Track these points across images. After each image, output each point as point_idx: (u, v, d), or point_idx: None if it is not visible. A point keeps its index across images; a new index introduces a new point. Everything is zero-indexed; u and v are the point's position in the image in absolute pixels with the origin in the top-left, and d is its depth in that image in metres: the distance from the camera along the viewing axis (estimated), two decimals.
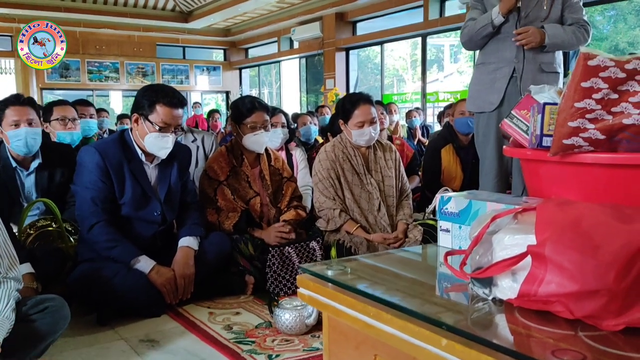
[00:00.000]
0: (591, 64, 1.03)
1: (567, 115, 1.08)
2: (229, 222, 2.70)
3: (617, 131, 1.06)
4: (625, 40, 12.39)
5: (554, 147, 1.12)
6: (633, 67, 1.02)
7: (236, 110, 2.85)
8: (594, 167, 1.11)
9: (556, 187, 1.23)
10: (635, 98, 1.03)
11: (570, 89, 1.06)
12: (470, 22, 2.80)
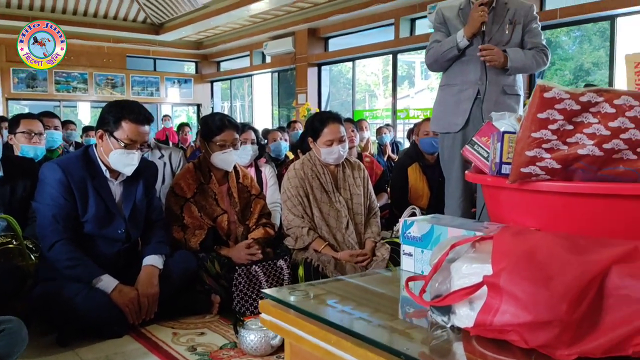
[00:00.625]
0: (547, 95, 1.06)
1: (525, 144, 1.11)
2: (195, 240, 2.67)
3: (572, 161, 1.09)
4: (590, 61, 12.76)
5: (512, 175, 1.15)
6: (587, 99, 1.05)
7: (206, 127, 2.83)
8: (550, 194, 1.14)
9: (515, 213, 1.26)
10: (589, 129, 1.06)
11: (528, 120, 1.09)
12: (434, 44, 2.85)
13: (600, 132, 1.05)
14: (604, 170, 1.08)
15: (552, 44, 12.65)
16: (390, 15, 9.04)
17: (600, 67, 12.73)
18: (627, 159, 1.06)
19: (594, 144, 1.06)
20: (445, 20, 2.87)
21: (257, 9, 9.84)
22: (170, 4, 11.44)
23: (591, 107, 1.05)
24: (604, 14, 6.78)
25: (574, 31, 11.47)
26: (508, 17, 2.77)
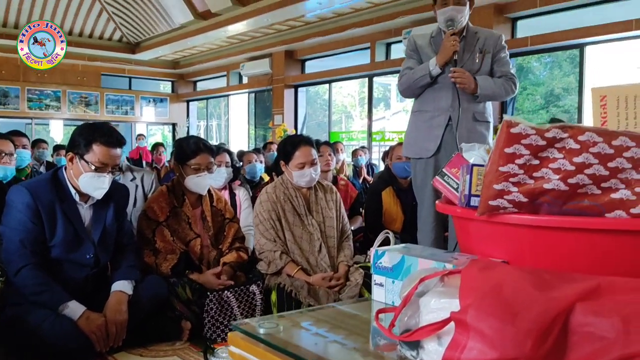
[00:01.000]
0: (514, 131, 1.08)
1: (493, 178, 1.13)
2: (166, 265, 2.64)
3: (538, 195, 1.11)
4: (561, 86, 13.08)
5: (480, 208, 1.17)
6: (552, 135, 1.08)
7: (180, 150, 2.82)
8: (517, 227, 1.16)
9: (484, 244, 1.27)
10: (555, 164, 1.08)
11: (495, 154, 1.11)
12: (407, 71, 2.90)
13: (565, 167, 1.07)
14: (569, 204, 1.10)
15: (524, 69, 12.97)
16: (366, 40, 9.17)
17: (571, 92, 13.07)
18: (591, 193, 1.09)
19: (559, 179, 1.08)
20: (418, 48, 2.93)
21: (234, 31, 9.89)
22: (147, 24, 11.44)
23: (556, 143, 1.08)
24: (573, 43, 6.98)
25: (545, 57, 11.75)
26: (478, 47, 2.84)
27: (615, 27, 6.37)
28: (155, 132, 15.32)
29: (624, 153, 1.05)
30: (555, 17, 7.23)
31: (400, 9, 7.98)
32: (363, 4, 8.06)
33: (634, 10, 6.28)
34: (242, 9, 9.07)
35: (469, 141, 2.77)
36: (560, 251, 1.14)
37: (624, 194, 1.07)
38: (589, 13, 6.91)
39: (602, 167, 1.06)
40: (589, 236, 1.10)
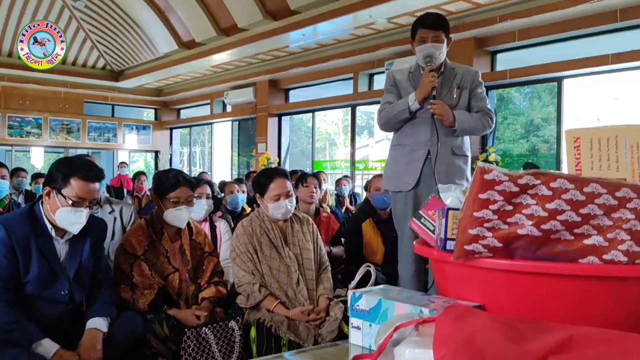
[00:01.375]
0: (487, 177, 1.10)
1: (468, 223, 1.13)
2: (143, 300, 2.59)
3: (512, 240, 1.12)
4: (540, 116, 13.32)
5: (456, 252, 1.17)
6: (525, 182, 1.09)
7: (159, 184, 2.80)
8: (492, 271, 1.16)
9: (460, 287, 1.28)
10: (528, 210, 1.10)
11: (470, 200, 1.12)
12: (386, 106, 2.94)
13: (538, 213, 1.09)
14: (543, 250, 1.11)
15: (504, 99, 13.21)
16: (349, 70, 9.29)
17: (550, 122, 13.32)
18: (564, 239, 1.10)
19: (533, 225, 1.09)
20: (396, 83, 2.98)
21: (218, 60, 9.96)
22: (131, 52, 11.47)
23: (529, 189, 1.09)
24: (551, 76, 7.14)
25: (525, 88, 12.00)
26: (456, 82, 2.89)
27: (592, 61, 6.54)
28: (137, 159, 15.26)
29: (595, 200, 1.07)
30: (533, 50, 7.41)
31: (382, 41, 8.12)
32: (346, 35, 8.19)
33: (610, 45, 6.47)
34: (226, 39, 9.15)
35: (447, 175, 2.83)
36: (535, 296, 1.14)
37: (597, 240, 1.08)
38: (566, 47, 7.10)
39: (574, 214, 1.08)
40: (562, 282, 1.11)
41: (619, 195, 1.06)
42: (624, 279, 1.09)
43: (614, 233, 1.07)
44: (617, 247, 1.07)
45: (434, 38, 2.80)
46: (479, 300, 1.22)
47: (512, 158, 11.44)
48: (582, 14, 6.39)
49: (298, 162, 15.96)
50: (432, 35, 2.80)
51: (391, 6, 6.69)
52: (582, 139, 1.49)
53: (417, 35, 2.85)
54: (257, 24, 8.39)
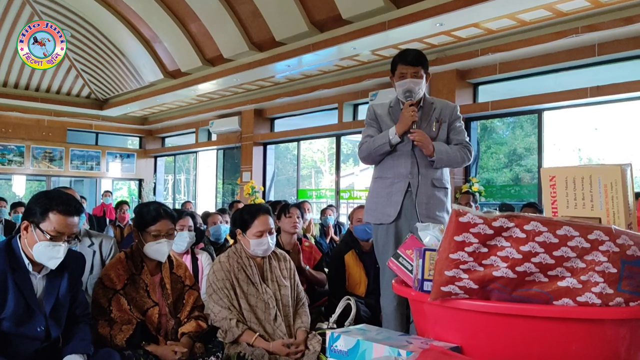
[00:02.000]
0: (462, 220, 1.11)
1: (444, 265, 1.14)
2: (121, 336, 2.53)
3: (488, 282, 1.13)
4: (522, 146, 13.49)
5: (433, 293, 1.18)
6: (499, 224, 1.11)
7: (140, 217, 2.77)
8: (469, 312, 1.17)
9: (438, 328, 1.28)
10: (503, 252, 1.11)
11: (445, 241, 1.13)
12: (367, 139, 2.98)
13: (512, 256, 1.10)
14: (519, 291, 1.12)
15: (488, 129, 13.39)
16: (334, 100, 9.39)
17: (532, 152, 13.51)
18: (539, 281, 1.11)
19: (508, 267, 1.10)
20: (377, 117, 3.02)
21: (204, 89, 10.01)
22: (116, 81, 11.50)
23: (503, 232, 1.11)
24: (531, 108, 7.28)
25: (508, 118, 12.20)
26: (435, 116, 2.94)
27: (572, 94, 6.69)
28: (121, 187, 15.15)
29: (568, 242, 1.09)
30: (514, 83, 7.56)
31: (366, 72, 8.24)
32: (331, 66, 8.30)
33: (589, 79, 6.63)
34: (211, 69, 9.22)
35: (428, 207, 2.85)
36: (511, 337, 1.15)
37: (570, 282, 1.09)
38: (546, 80, 7.26)
39: (548, 256, 1.09)
40: (538, 323, 1.11)
41: (591, 238, 1.08)
42: (598, 321, 1.10)
43: (587, 275, 1.08)
44: (591, 289, 1.08)
45: (413, 74, 2.86)
46: (456, 341, 1.22)
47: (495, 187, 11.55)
48: (561, 48, 6.56)
49: (283, 190, 15.96)
50: (411, 71, 2.86)
51: (375, 39, 6.81)
52: (558, 177, 1.51)
53: (397, 71, 2.91)
54: (242, 55, 8.47)
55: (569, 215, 1.47)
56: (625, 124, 11.30)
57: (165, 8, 8.78)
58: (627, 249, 1.09)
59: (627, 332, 1.16)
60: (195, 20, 8.65)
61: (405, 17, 6.31)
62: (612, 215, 1.42)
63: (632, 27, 5.78)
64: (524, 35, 6.51)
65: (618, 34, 6.02)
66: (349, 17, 6.85)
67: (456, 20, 6.12)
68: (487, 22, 6.18)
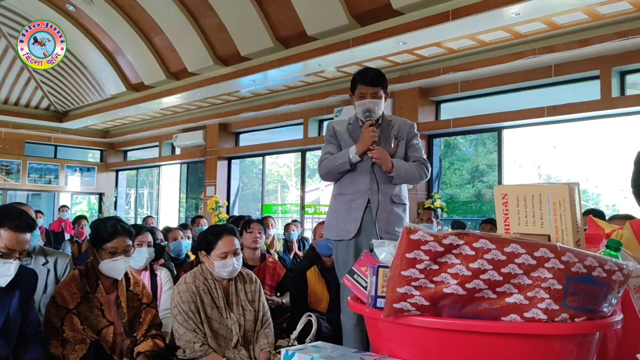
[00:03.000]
0: (413, 237, 1.12)
1: (396, 281, 1.15)
2: (74, 356, 2.46)
3: (439, 298, 1.14)
4: (485, 163, 13.77)
5: (386, 310, 1.18)
6: (449, 242, 1.12)
7: (96, 233, 2.71)
8: (421, 329, 1.18)
9: (392, 344, 1.28)
10: (453, 270, 1.13)
11: (397, 259, 1.15)
12: (327, 156, 3.00)
13: (462, 273, 1.12)
14: (468, 308, 1.14)
15: (451, 145, 13.64)
16: (300, 116, 9.43)
17: (493, 169, 13.76)
18: (488, 297, 1.13)
19: (458, 283, 1.12)
20: (336, 134, 3.05)
21: (168, 103, 9.92)
22: (76, 93, 11.29)
23: (453, 249, 1.12)
24: (491, 126, 7.46)
25: (470, 135, 12.47)
26: (393, 133, 2.99)
27: (530, 113, 6.89)
28: (81, 201, 14.79)
29: (515, 259, 1.11)
30: (475, 101, 7.75)
31: (331, 88, 8.32)
32: (296, 82, 8.35)
33: (546, 99, 6.85)
34: (176, 83, 9.16)
35: (387, 223, 2.88)
36: (462, 353, 1.16)
37: (518, 299, 1.11)
38: (506, 99, 7.46)
39: (496, 273, 1.11)
40: (486, 339, 1.13)
41: (537, 255, 1.11)
42: (545, 336, 1.13)
43: (533, 292, 1.10)
44: (537, 305, 1.10)
45: (372, 94, 2.90)
46: (409, 357, 1.23)
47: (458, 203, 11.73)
48: (520, 69, 6.76)
49: (249, 205, 15.84)
50: (371, 92, 2.90)
51: (339, 56, 6.90)
52: (510, 195, 1.54)
53: (357, 91, 2.95)
54: (207, 69, 8.45)
55: (521, 232, 1.51)
56: (581, 142, 11.69)
57: (129, 21, 8.70)
58: (572, 265, 1.12)
59: (574, 348, 1.19)
60: (159, 33, 8.59)
61: (369, 35, 6.42)
62: (560, 232, 1.46)
63: (586, 49, 6.01)
64: (483, 56, 6.69)
65: (573, 56, 6.25)
66: (313, 34, 6.92)
67: (419, 40, 6.25)
68: (448, 41, 6.33)
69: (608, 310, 1.22)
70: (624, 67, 6.21)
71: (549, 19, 5.60)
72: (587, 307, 1.15)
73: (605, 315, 1.21)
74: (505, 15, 5.47)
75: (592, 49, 5.98)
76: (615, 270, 1.18)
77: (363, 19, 6.49)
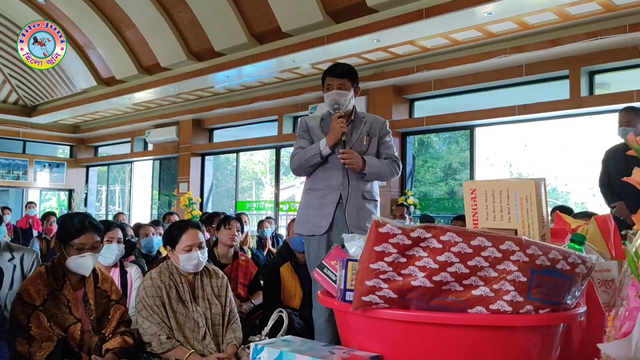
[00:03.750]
0: (382, 230, 1.13)
1: (364, 274, 1.16)
2: (41, 354, 2.41)
3: (407, 291, 1.15)
4: (458, 161, 13.92)
5: (354, 303, 1.19)
6: (417, 235, 1.13)
7: (63, 229, 2.65)
8: (389, 322, 1.18)
9: (361, 337, 1.29)
10: (420, 262, 1.14)
11: (366, 252, 1.15)
12: (299, 150, 3.00)
13: (429, 265, 1.13)
14: (436, 300, 1.15)
15: (425, 143, 13.75)
16: (274, 112, 9.39)
17: (466, 167, 13.89)
18: (454, 290, 1.14)
19: (425, 276, 1.13)
20: (309, 129, 3.05)
21: (140, 98, 9.78)
22: (46, 87, 11.04)
23: (421, 242, 1.13)
24: (463, 124, 7.54)
25: (444, 133, 12.59)
26: (365, 129, 3.00)
27: (501, 111, 6.98)
28: (50, 198, 14.48)
29: (481, 252, 1.13)
30: (448, 99, 7.82)
31: (306, 85, 8.30)
32: (271, 78, 8.31)
33: (517, 98, 6.95)
34: (148, 78, 9.03)
35: (358, 218, 2.89)
36: (429, 345, 1.17)
37: (483, 291, 1.13)
38: (478, 98, 7.55)
39: (463, 266, 1.13)
40: (453, 331, 1.15)
41: (503, 248, 1.12)
42: (511, 328, 1.14)
43: (499, 284, 1.12)
44: (503, 298, 1.12)
45: (338, 85, 2.92)
46: (378, 350, 1.24)
47: (431, 200, 11.82)
48: (491, 68, 6.85)
49: (223, 202, 15.72)
50: (337, 83, 2.93)
51: (314, 52, 6.89)
52: (478, 191, 1.57)
53: (325, 83, 2.99)
54: (180, 64, 8.35)
55: (489, 226, 1.53)
56: (552, 141, 11.92)
57: (99, 14, 8.54)
58: (537, 258, 1.14)
59: (538, 339, 1.21)
60: (131, 27, 8.45)
61: (344, 32, 6.42)
62: (527, 226, 1.49)
63: (556, 49, 6.12)
64: (456, 54, 6.76)
65: (543, 55, 6.36)
66: (288, 30, 6.90)
67: (392, 38, 6.28)
68: (422, 40, 6.37)
69: (572, 303, 1.25)
70: (592, 67, 6.34)
71: (520, 19, 5.68)
72: (551, 299, 1.17)
73: (569, 307, 1.24)
74: (478, 15, 5.53)
75: (562, 49, 6.09)
76: (578, 263, 1.20)
77: (338, 16, 6.50)
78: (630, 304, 0.88)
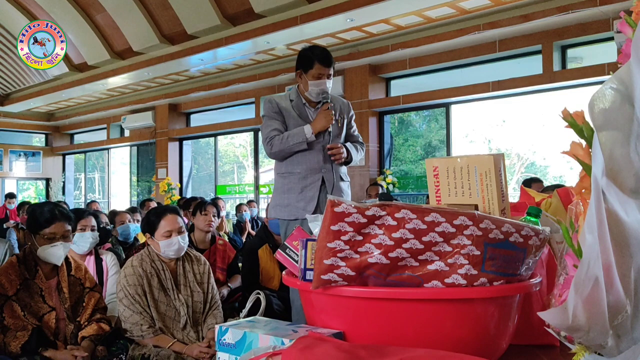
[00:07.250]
0: (337, 210, 1.15)
1: (323, 253, 1.17)
2: (16, 343, 2.41)
3: (364, 268, 1.17)
4: (437, 139, 14.03)
5: (314, 282, 1.21)
6: (372, 213, 1.15)
7: (32, 219, 2.62)
8: (348, 299, 1.21)
9: (323, 315, 1.31)
10: (376, 240, 1.15)
11: (323, 231, 1.17)
12: (275, 133, 2.90)
13: (385, 242, 1.15)
14: (392, 276, 1.17)
15: (405, 122, 13.81)
16: (251, 95, 9.33)
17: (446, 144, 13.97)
18: (410, 265, 1.16)
19: (381, 253, 1.15)
20: (281, 110, 2.95)
21: (114, 83, 9.64)
22: (17, 75, 10.83)
23: (376, 220, 1.15)
24: (439, 102, 7.58)
25: (423, 111, 12.67)
26: (338, 113, 2.99)
27: (475, 88, 7.03)
28: (28, 187, 14.29)
29: (435, 228, 1.15)
30: (423, 77, 7.85)
31: (282, 66, 8.25)
32: (246, 60, 8.24)
33: (491, 74, 7.00)
34: (121, 62, 8.89)
35: None
36: (387, 320, 1.20)
37: (439, 266, 1.16)
38: (453, 75, 7.58)
39: (418, 242, 1.15)
40: (410, 305, 1.17)
41: (456, 223, 1.15)
42: (465, 300, 1.17)
43: (453, 258, 1.15)
44: (457, 271, 1.15)
45: (329, 75, 2.90)
46: (339, 327, 1.26)
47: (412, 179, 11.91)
48: (465, 44, 6.87)
49: (204, 187, 15.65)
50: (327, 73, 2.88)
51: (288, 33, 6.84)
52: (440, 167, 1.59)
53: (314, 70, 2.87)
54: (153, 48, 8.23)
55: (451, 202, 1.56)
56: (529, 116, 12.04)
57: None
58: (490, 232, 1.16)
59: (495, 310, 1.24)
60: (101, 11, 8.30)
61: (317, 12, 6.38)
62: (487, 201, 1.52)
63: (529, 24, 6.16)
64: (430, 32, 6.76)
65: (516, 31, 6.40)
66: (261, 11, 6.83)
67: (366, 16, 6.26)
68: (395, 18, 6.36)
69: (527, 274, 1.28)
70: (565, 42, 6.40)
71: None
72: (505, 272, 1.20)
73: (524, 278, 1.27)
74: None
75: (535, 23, 6.13)
76: (532, 235, 1.23)
77: None
78: (570, 273, 0.91)
